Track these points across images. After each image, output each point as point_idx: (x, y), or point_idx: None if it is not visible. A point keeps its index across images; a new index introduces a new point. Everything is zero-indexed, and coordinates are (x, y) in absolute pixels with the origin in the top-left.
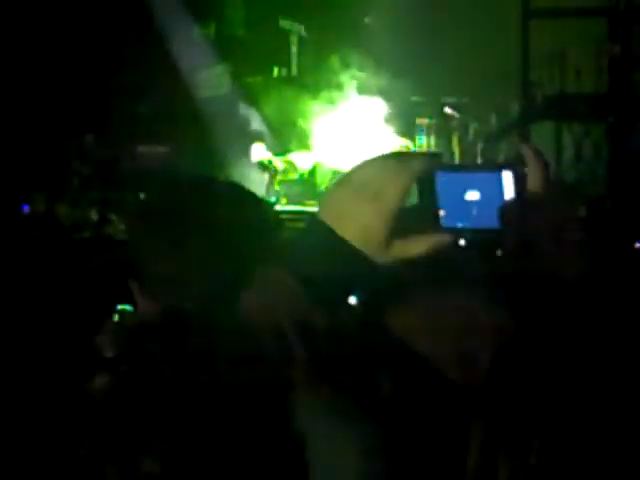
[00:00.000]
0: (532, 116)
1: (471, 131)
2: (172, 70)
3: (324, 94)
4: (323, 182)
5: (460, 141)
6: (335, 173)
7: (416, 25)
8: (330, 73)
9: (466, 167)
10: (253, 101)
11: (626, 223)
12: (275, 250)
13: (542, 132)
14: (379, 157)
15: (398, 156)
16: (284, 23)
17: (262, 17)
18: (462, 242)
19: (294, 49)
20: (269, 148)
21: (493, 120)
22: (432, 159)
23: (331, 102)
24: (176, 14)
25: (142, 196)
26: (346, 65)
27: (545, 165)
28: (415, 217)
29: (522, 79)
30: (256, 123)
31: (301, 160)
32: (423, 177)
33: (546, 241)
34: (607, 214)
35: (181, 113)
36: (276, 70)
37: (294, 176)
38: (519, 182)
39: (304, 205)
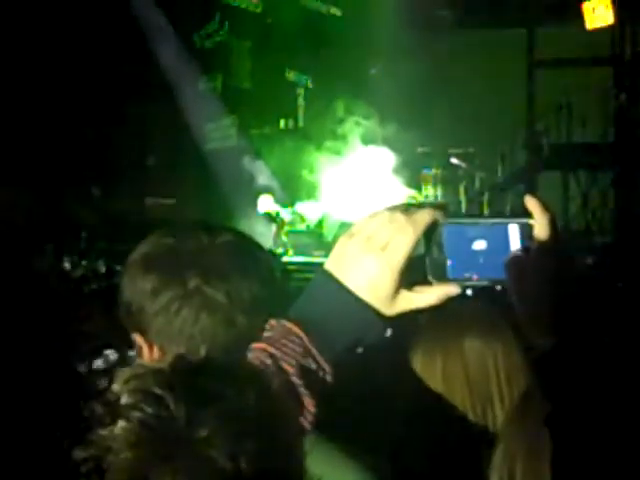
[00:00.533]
0: (539, 166)
1: (477, 181)
2: (180, 122)
3: (331, 145)
4: (330, 233)
5: (466, 191)
6: (343, 225)
7: (422, 77)
8: (336, 124)
9: (473, 218)
10: (260, 153)
11: (635, 271)
12: (280, 299)
13: (549, 181)
14: (386, 209)
15: (405, 208)
16: (290, 75)
17: (269, 69)
18: (469, 292)
19: (301, 101)
20: (276, 199)
21: (499, 170)
22: (439, 211)
23: (338, 153)
24: (183, 67)
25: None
26: (352, 116)
27: (552, 217)
28: (423, 267)
29: (528, 129)
30: (263, 175)
31: (308, 211)
32: (430, 228)
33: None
34: (615, 262)
35: (188, 165)
36: (283, 122)
37: (301, 227)
38: (525, 234)
39: (311, 256)
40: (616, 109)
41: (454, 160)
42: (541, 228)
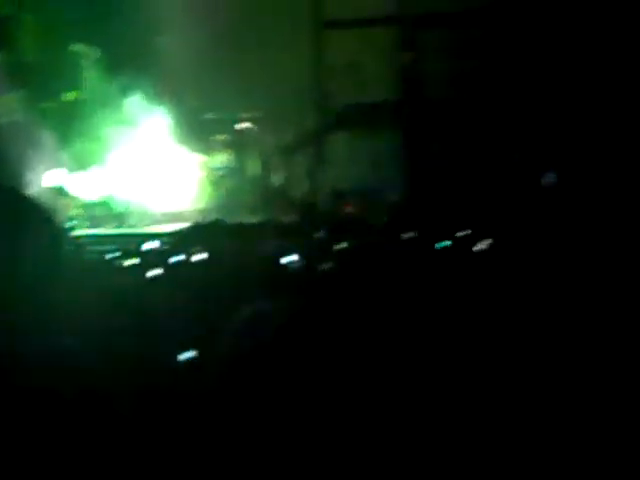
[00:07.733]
0: (327, 127)
1: (267, 145)
2: None
3: (118, 116)
4: (120, 204)
5: (257, 155)
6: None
7: (209, 43)
8: (123, 94)
9: None
10: (47, 126)
11: (424, 227)
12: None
13: (337, 142)
14: None
15: None
16: (75, 47)
17: (53, 42)
18: None
19: (86, 72)
20: (64, 172)
21: (290, 133)
22: None
23: (125, 124)
24: None
25: None
26: (140, 85)
27: None
28: None
29: (316, 91)
30: (50, 148)
31: (97, 183)
32: None
33: None
34: (405, 219)
35: None
36: (69, 94)
37: (92, 199)
38: None
39: (104, 228)
40: (401, 68)
41: (243, 125)
42: None
